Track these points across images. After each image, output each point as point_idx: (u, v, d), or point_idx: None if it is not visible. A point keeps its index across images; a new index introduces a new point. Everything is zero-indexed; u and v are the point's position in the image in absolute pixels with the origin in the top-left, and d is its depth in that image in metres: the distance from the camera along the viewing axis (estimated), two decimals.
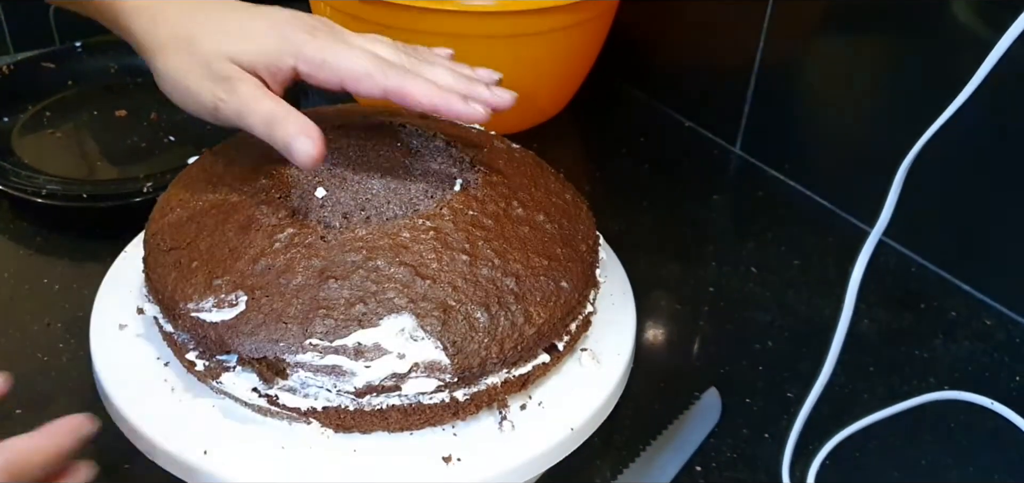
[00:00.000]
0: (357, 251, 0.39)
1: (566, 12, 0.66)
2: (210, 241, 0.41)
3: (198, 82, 0.41)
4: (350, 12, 0.66)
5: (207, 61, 0.41)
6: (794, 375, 0.52)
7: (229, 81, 0.40)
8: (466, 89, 0.43)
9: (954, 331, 0.57)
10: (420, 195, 0.43)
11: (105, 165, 0.67)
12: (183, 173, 0.47)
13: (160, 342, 0.42)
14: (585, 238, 0.45)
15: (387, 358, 0.37)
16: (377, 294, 0.38)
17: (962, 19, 0.56)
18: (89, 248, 0.59)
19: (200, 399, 0.39)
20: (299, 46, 0.41)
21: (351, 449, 0.38)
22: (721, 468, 0.46)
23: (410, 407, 0.38)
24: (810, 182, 0.70)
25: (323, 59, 0.41)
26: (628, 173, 0.73)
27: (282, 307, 0.38)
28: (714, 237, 0.68)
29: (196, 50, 0.41)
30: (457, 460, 0.37)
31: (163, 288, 0.40)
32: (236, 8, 0.43)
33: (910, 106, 0.59)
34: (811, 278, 0.61)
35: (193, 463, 0.37)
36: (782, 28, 0.68)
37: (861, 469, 0.47)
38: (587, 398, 0.41)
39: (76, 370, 0.49)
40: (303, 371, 0.37)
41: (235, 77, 0.41)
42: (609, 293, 0.47)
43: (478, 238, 0.41)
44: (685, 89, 0.80)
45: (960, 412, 0.50)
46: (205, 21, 0.42)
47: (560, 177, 0.50)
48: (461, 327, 0.38)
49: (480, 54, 0.67)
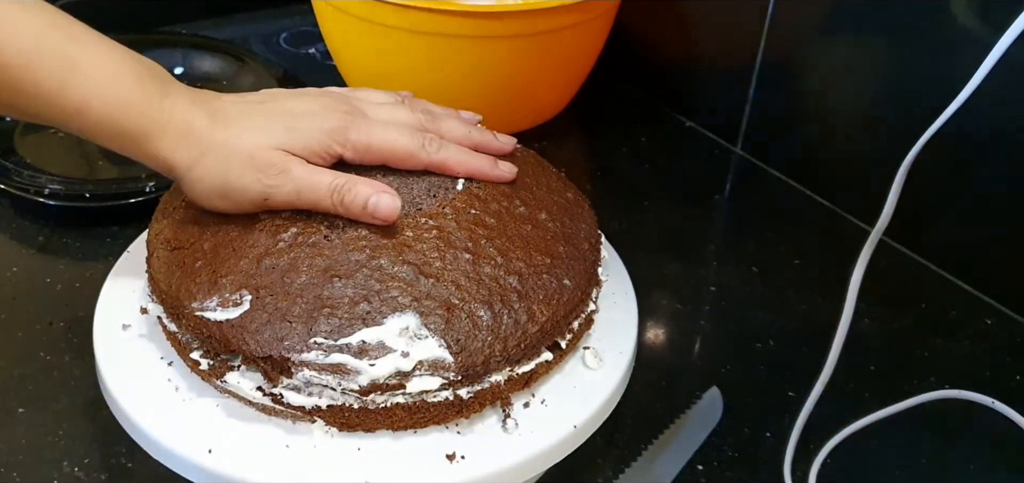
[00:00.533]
0: (361, 250, 0.39)
1: (567, 12, 0.66)
2: (214, 240, 0.41)
3: (240, 176, 0.40)
4: (354, 12, 0.67)
5: (250, 154, 0.40)
6: (795, 374, 0.52)
7: (277, 166, 0.40)
8: (479, 140, 0.46)
9: (954, 331, 0.57)
10: (423, 194, 0.43)
11: (107, 164, 0.67)
12: None
13: (164, 342, 0.42)
14: (587, 236, 0.45)
15: (391, 356, 0.37)
16: (381, 293, 0.38)
17: (962, 19, 0.56)
18: (91, 248, 0.59)
19: (204, 398, 0.39)
20: (345, 134, 0.42)
21: (355, 448, 0.38)
22: (722, 467, 0.46)
23: (414, 405, 0.38)
24: (811, 182, 0.70)
25: (368, 144, 0.42)
26: (629, 173, 0.73)
27: (287, 306, 0.38)
28: (715, 237, 0.68)
29: (235, 148, 0.40)
30: (461, 458, 0.38)
31: (167, 287, 0.40)
32: (270, 103, 0.43)
33: (910, 106, 0.60)
34: (811, 277, 0.61)
35: (197, 462, 0.37)
36: (783, 28, 0.68)
37: (862, 468, 0.47)
38: (590, 396, 0.41)
39: (78, 369, 0.49)
40: (307, 370, 0.37)
41: (283, 160, 0.40)
42: (611, 292, 0.47)
43: (481, 237, 0.41)
44: (686, 89, 0.80)
45: (960, 411, 0.50)
46: (243, 122, 0.41)
47: (562, 176, 0.50)
48: (464, 325, 0.38)
49: (481, 55, 0.67)
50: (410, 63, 0.67)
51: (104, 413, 0.40)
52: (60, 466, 0.44)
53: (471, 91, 0.69)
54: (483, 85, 0.69)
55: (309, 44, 0.88)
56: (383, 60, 0.69)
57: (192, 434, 0.38)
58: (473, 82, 0.69)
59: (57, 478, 0.43)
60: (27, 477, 0.43)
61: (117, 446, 0.45)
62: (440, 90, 0.68)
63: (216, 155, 0.40)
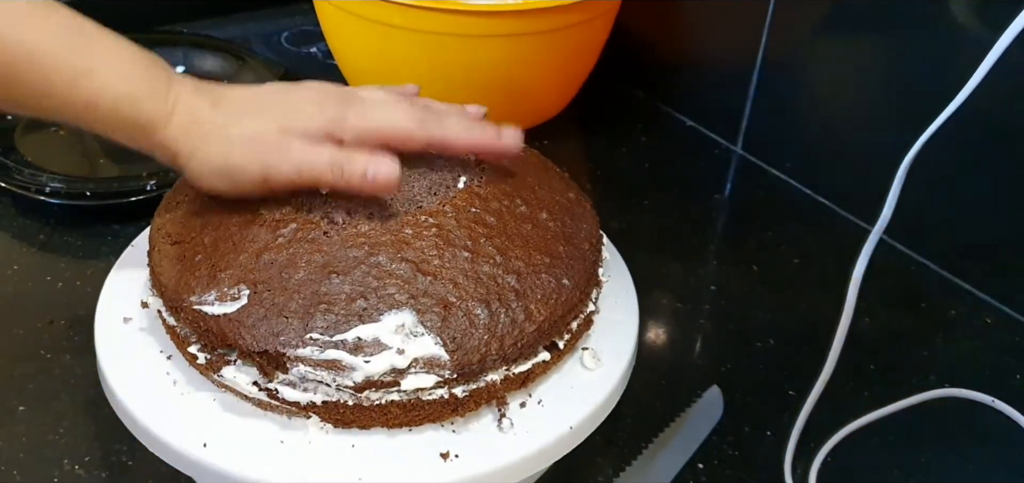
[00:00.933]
0: (359, 247, 0.39)
1: (568, 12, 0.66)
2: (214, 235, 0.41)
3: (241, 156, 0.40)
4: (355, 11, 0.67)
5: (250, 137, 0.40)
6: (795, 373, 0.52)
7: (277, 145, 0.40)
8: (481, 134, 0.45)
9: (954, 330, 0.57)
10: (424, 192, 0.43)
11: (108, 163, 0.67)
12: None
13: (163, 335, 0.42)
14: (588, 237, 0.45)
15: (386, 353, 0.37)
16: (378, 290, 0.38)
17: (962, 19, 0.56)
18: (92, 246, 0.59)
19: (201, 392, 0.39)
20: (343, 118, 0.42)
21: (350, 445, 0.38)
22: (723, 466, 0.46)
23: (409, 403, 0.38)
24: (811, 181, 0.70)
25: (366, 126, 0.42)
26: (629, 172, 0.73)
27: (284, 301, 0.38)
28: (715, 236, 0.68)
29: (237, 132, 0.41)
30: (455, 457, 0.38)
31: (167, 281, 0.40)
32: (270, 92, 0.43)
33: (910, 106, 0.60)
34: (812, 277, 0.61)
35: (192, 456, 0.37)
36: (783, 27, 0.68)
37: (862, 467, 0.47)
38: (587, 397, 0.41)
39: (79, 368, 0.49)
40: (303, 365, 0.37)
41: (282, 140, 0.40)
42: (612, 293, 0.47)
43: (480, 235, 0.41)
44: (686, 88, 0.80)
45: (961, 410, 0.50)
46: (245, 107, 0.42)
47: (564, 176, 0.50)
48: (461, 323, 0.38)
49: (481, 54, 0.67)
50: (411, 62, 0.68)
51: (105, 411, 0.41)
52: (61, 464, 0.44)
53: (471, 91, 0.69)
54: (483, 85, 0.69)
55: (310, 43, 0.88)
56: (384, 59, 0.69)
57: (188, 428, 0.38)
58: (473, 82, 0.69)
59: (58, 476, 0.43)
60: (28, 475, 0.43)
61: (118, 444, 0.45)
62: (440, 89, 0.68)
63: (218, 138, 0.41)
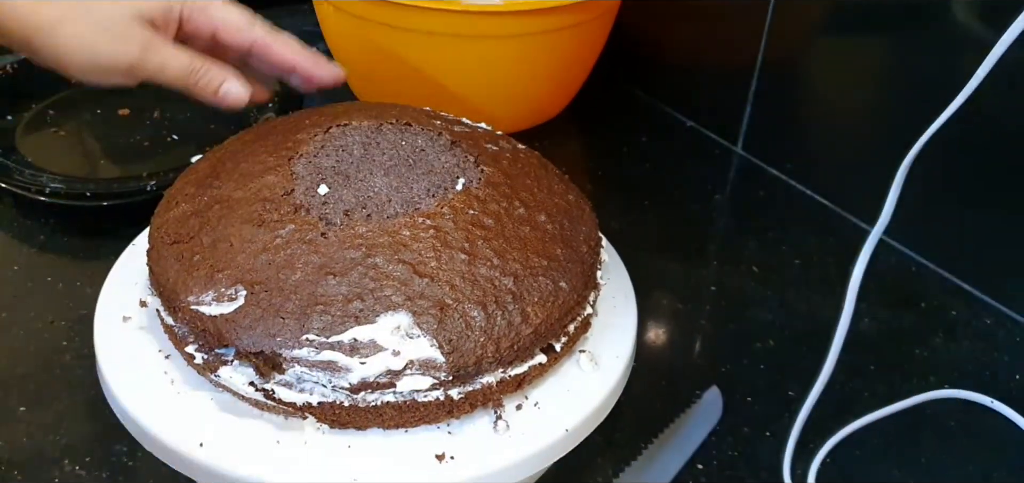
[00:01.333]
0: (356, 248, 0.39)
1: (567, 12, 0.66)
2: (213, 235, 0.41)
3: (109, 47, 0.43)
4: (353, 11, 0.67)
5: (111, 23, 0.43)
6: (795, 374, 0.52)
7: (140, 40, 0.43)
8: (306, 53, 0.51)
9: (954, 330, 0.57)
10: (422, 194, 0.43)
11: (108, 163, 0.67)
12: (190, 169, 0.47)
13: (162, 335, 0.42)
14: (587, 239, 0.45)
15: (382, 355, 0.37)
16: (375, 291, 0.38)
17: (962, 19, 0.56)
18: (92, 247, 0.59)
19: (199, 392, 0.39)
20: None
21: (346, 445, 0.38)
22: (722, 466, 0.46)
23: (405, 404, 0.38)
24: (811, 182, 0.70)
25: (205, 4, 0.46)
26: (629, 173, 0.73)
27: (280, 302, 0.38)
28: (715, 236, 0.68)
29: (95, 15, 0.43)
30: (450, 458, 0.37)
31: (165, 281, 0.40)
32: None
33: (910, 106, 0.59)
34: (812, 277, 0.61)
35: (188, 455, 0.37)
36: (784, 28, 0.68)
37: (862, 467, 0.47)
38: (584, 400, 0.41)
39: (79, 368, 0.49)
40: (299, 366, 0.37)
41: (146, 36, 0.44)
42: (611, 296, 0.47)
43: (478, 237, 0.41)
44: (687, 89, 0.80)
45: (960, 411, 0.50)
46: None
47: (564, 178, 0.50)
48: (457, 325, 0.38)
49: (481, 54, 0.67)
50: (411, 62, 0.68)
51: (105, 411, 0.41)
52: (61, 464, 0.44)
53: (471, 91, 0.69)
54: (483, 85, 0.69)
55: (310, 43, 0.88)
56: (384, 60, 0.69)
57: (185, 427, 0.38)
58: (473, 82, 0.69)
59: (58, 477, 0.43)
60: (28, 476, 0.43)
61: (118, 444, 0.45)
62: (440, 90, 0.68)
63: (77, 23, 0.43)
